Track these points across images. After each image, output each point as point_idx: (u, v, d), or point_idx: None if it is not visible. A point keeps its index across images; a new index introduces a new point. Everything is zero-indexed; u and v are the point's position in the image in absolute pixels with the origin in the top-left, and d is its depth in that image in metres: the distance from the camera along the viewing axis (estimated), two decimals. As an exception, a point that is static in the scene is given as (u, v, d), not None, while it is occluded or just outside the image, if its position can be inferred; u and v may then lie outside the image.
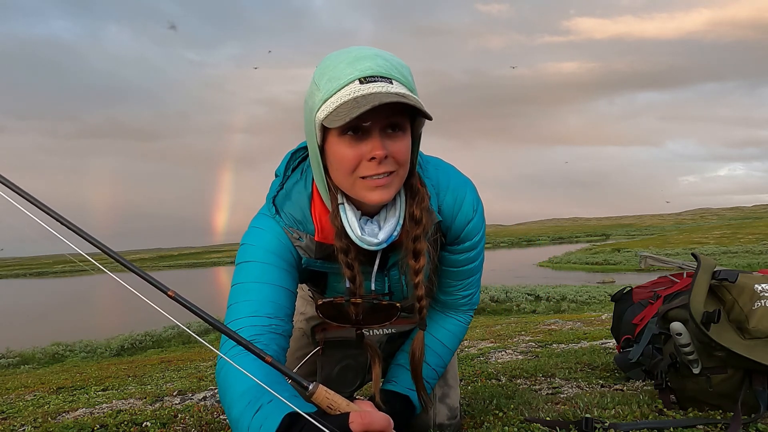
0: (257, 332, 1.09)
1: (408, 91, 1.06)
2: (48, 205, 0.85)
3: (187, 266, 67.29)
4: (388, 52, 1.11)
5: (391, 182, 1.10)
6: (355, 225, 1.15)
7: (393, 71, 1.05)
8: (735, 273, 1.62)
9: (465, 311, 1.48)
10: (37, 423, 2.03)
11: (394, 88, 1.02)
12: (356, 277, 1.21)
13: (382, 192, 1.10)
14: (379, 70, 1.04)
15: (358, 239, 1.15)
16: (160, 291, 0.84)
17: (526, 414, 1.62)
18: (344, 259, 1.18)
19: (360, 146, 1.06)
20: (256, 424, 0.91)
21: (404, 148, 1.09)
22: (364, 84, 1.02)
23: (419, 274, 1.21)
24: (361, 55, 1.06)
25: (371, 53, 1.06)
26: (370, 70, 1.03)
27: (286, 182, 1.25)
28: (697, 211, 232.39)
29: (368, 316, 1.29)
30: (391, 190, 1.11)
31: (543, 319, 6.96)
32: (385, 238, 1.16)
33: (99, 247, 0.85)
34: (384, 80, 1.03)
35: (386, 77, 1.04)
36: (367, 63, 1.04)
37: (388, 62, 1.06)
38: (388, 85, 1.02)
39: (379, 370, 1.31)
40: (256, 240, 1.20)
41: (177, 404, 2.26)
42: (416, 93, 1.09)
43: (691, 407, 1.62)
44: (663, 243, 42.13)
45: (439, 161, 1.34)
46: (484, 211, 1.34)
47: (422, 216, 1.18)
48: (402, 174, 1.12)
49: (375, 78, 1.03)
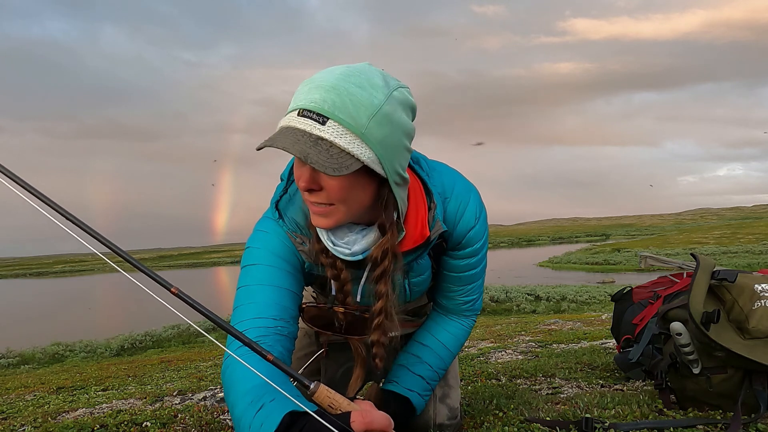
0: (262, 333, 1.09)
1: (346, 134, 0.99)
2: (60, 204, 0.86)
3: (187, 266, 67.33)
4: (375, 80, 1.03)
5: (330, 213, 1.08)
6: (324, 235, 1.16)
7: (337, 110, 0.98)
8: (734, 273, 1.62)
9: (468, 316, 1.48)
10: (37, 423, 2.03)
11: (321, 131, 0.98)
12: (343, 285, 1.22)
13: (319, 219, 1.10)
14: (322, 105, 0.98)
15: (332, 248, 1.16)
16: (164, 288, 0.84)
17: (526, 414, 1.62)
18: (329, 265, 1.19)
19: (300, 170, 1.05)
20: (258, 422, 0.92)
21: (337, 186, 1.03)
22: (299, 117, 0.99)
23: (380, 315, 1.20)
24: (323, 83, 1.01)
25: (331, 84, 1.00)
26: (312, 103, 0.99)
27: (289, 187, 1.25)
28: (696, 212, 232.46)
29: (350, 326, 1.27)
30: (329, 220, 1.09)
31: (543, 319, 6.96)
32: (360, 250, 1.15)
33: (107, 245, 0.86)
34: (317, 119, 0.98)
35: (323, 115, 0.98)
36: (316, 95, 1.00)
37: (339, 98, 0.99)
38: (315, 125, 0.98)
39: (360, 372, 1.31)
40: (261, 243, 1.20)
41: (177, 404, 2.26)
42: (369, 135, 1.00)
43: (691, 407, 1.62)
44: (663, 243, 42.14)
45: (444, 167, 1.34)
46: (487, 218, 1.34)
47: (383, 258, 1.16)
48: (344, 209, 1.08)
49: (310, 113, 0.99)
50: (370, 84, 1.02)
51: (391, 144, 1.04)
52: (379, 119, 1.01)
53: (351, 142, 0.99)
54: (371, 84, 1.02)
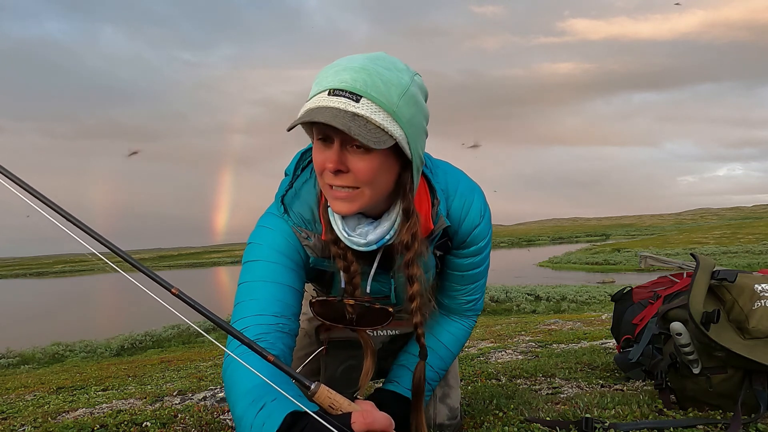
0: (264, 331, 1.09)
1: (379, 111, 1.01)
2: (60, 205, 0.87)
3: (187, 266, 67.31)
4: (399, 64, 1.07)
5: (354, 197, 1.08)
6: (339, 225, 1.16)
7: (370, 88, 1.00)
8: (734, 273, 1.62)
9: (469, 316, 1.48)
10: (37, 423, 2.03)
11: (356, 107, 0.99)
12: (353, 277, 1.22)
13: (342, 204, 1.09)
14: (354, 84, 1.00)
15: (345, 239, 1.15)
16: (164, 288, 0.85)
17: (526, 414, 1.62)
18: (339, 256, 1.19)
19: (324, 153, 1.06)
20: (259, 421, 0.91)
21: (366, 167, 1.04)
22: (330, 96, 1.00)
23: (415, 300, 1.20)
24: (350, 65, 1.03)
25: (360, 65, 1.03)
26: (343, 83, 1.00)
27: (295, 181, 1.25)
28: (696, 212, 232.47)
29: (361, 318, 1.28)
30: (352, 205, 1.09)
31: (543, 319, 6.96)
32: (375, 240, 1.15)
33: (107, 245, 0.86)
34: (350, 97, 1.00)
35: (356, 93, 1.00)
36: (346, 75, 1.01)
37: (370, 78, 1.01)
38: (350, 102, 0.99)
39: (370, 364, 1.30)
40: (264, 239, 1.20)
41: (177, 404, 2.26)
42: (400, 114, 1.03)
43: (691, 407, 1.62)
44: (663, 243, 42.14)
45: (449, 166, 1.34)
46: (491, 217, 1.34)
47: (413, 242, 1.16)
48: (369, 193, 1.08)
49: (343, 92, 1.00)
50: (395, 67, 1.06)
51: (417, 125, 1.08)
52: (407, 99, 1.04)
53: (385, 119, 1.01)
54: (396, 67, 1.06)
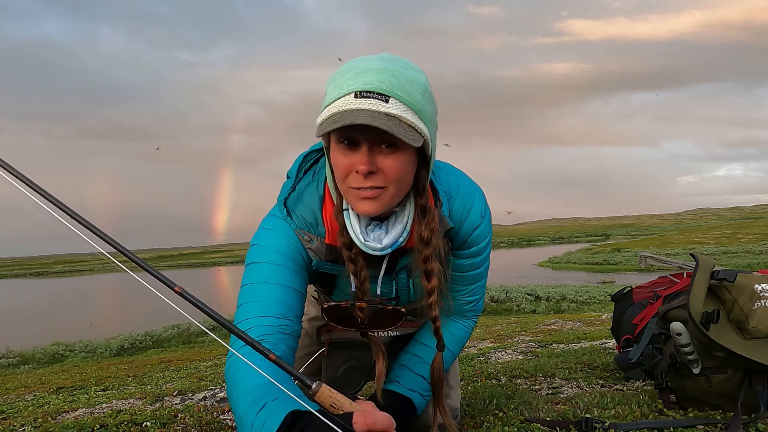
0: (266, 332, 1.09)
1: (408, 110, 1.02)
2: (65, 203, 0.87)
3: (187, 266, 67.29)
4: (410, 63, 1.08)
5: (380, 197, 1.09)
6: (357, 230, 1.16)
7: (396, 88, 1.01)
8: (734, 273, 1.62)
9: (469, 317, 1.48)
10: (37, 423, 2.03)
11: (388, 107, 1.00)
12: (363, 281, 1.22)
13: (368, 204, 1.09)
14: (380, 85, 1.01)
15: (361, 244, 1.15)
16: (167, 287, 0.85)
17: (526, 414, 1.62)
18: (350, 260, 1.19)
19: (351, 156, 1.06)
20: (260, 421, 0.92)
21: (396, 166, 1.06)
22: (358, 98, 1.00)
23: (432, 295, 1.21)
24: (370, 67, 1.03)
25: (380, 66, 1.03)
26: (369, 84, 1.01)
27: (297, 184, 1.25)
28: (696, 211, 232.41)
29: (373, 321, 1.28)
30: (378, 204, 1.09)
31: (543, 319, 6.96)
32: (390, 243, 1.16)
33: (112, 244, 0.86)
34: (379, 97, 1.00)
35: (384, 94, 1.00)
36: (370, 77, 1.01)
37: (394, 78, 1.02)
38: (380, 103, 1.00)
39: (383, 366, 1.31)
40: (266, 241, 1.20)
41: (177, 404, 2.26)
42: (424, 112, 1.05)
43: (691, 407, 1.62)
44: (663, 243, 42.13)
45: (450, 167, 1.35)
46: (491, 218, 1.35)
47: (431, 237, 1.17)
48: (394, 191, 1.09)
49: (370, 94, 1.00)
50: (410, 66, 1.07)
51: (435, 123, 1.10)
52: (428, 97, 1.07)
53: (414, 117, 1.03)
54: (410, 66, 1.07)
